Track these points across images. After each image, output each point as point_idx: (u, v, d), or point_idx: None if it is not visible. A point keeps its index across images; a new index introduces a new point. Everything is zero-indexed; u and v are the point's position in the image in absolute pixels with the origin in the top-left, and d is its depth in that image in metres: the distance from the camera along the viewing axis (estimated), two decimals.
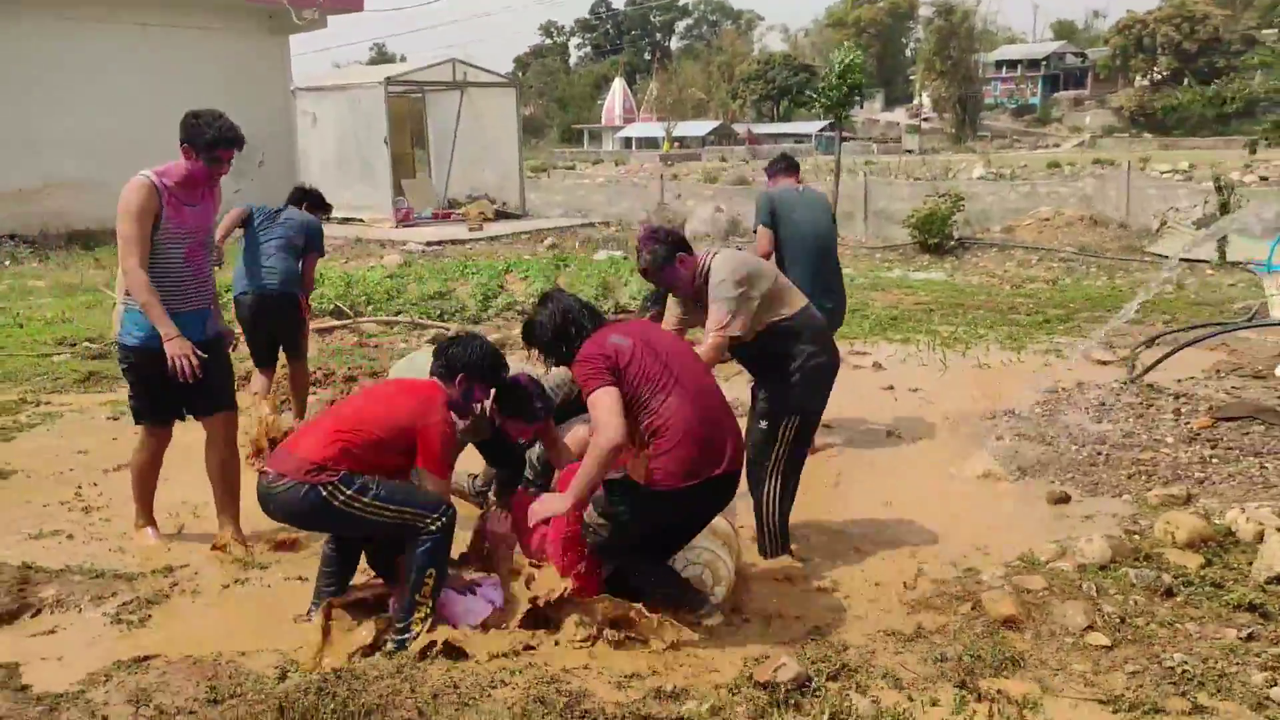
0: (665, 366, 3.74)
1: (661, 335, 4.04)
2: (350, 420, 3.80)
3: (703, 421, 3.72)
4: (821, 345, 4.44)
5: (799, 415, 4.39)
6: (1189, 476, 5.32)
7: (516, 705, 3.21)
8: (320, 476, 3.64)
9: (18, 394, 7.22)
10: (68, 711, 3.24)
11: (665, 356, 3.78)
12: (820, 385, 4.46)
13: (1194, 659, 3.45)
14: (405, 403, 3.84)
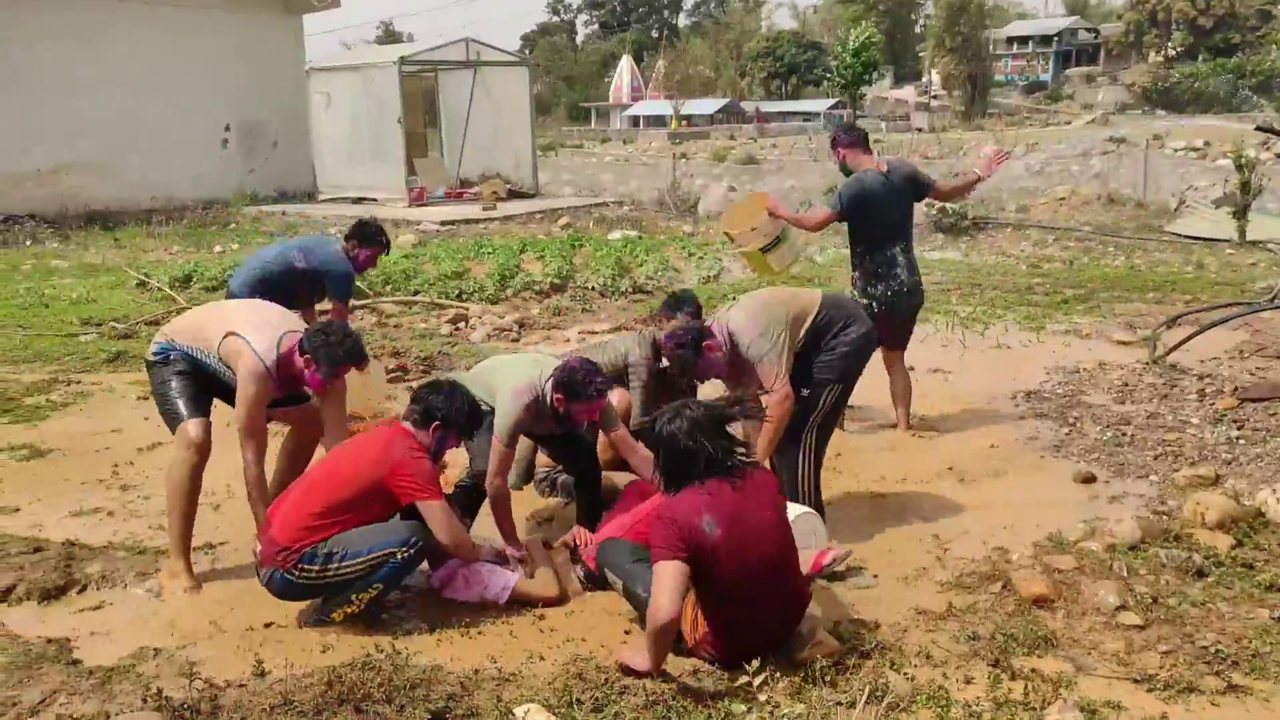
0: (744, 577, 3.36)
1: (752, 526, 3.41)
2: (318, 490, 3.81)
3: (756, 634, 3.42)
4: (858, 320, 4.64)
5: (842, 384, 4.60)
6: (1216, 457, 5.34)
7: (556, 680, 3.27)
8: (281, 560, 3.71)
9: (49, 373, 7.30)
10: (119, 684, 3.32)
11: (748, 560, 3.36)
12: (864, 356, 4.68)
13: (1227, 639, 3.48)
14: (366, 456, 3.83)
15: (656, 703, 3.08)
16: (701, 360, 4.44)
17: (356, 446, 3.98)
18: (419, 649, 3.56)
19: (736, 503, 3.37)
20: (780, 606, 3.48)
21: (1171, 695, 3.21)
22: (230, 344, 4.14)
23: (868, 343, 4.66)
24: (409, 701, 3.12)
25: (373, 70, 18.45)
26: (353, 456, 3.90)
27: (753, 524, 3.39)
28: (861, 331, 4.61)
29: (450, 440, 4.02)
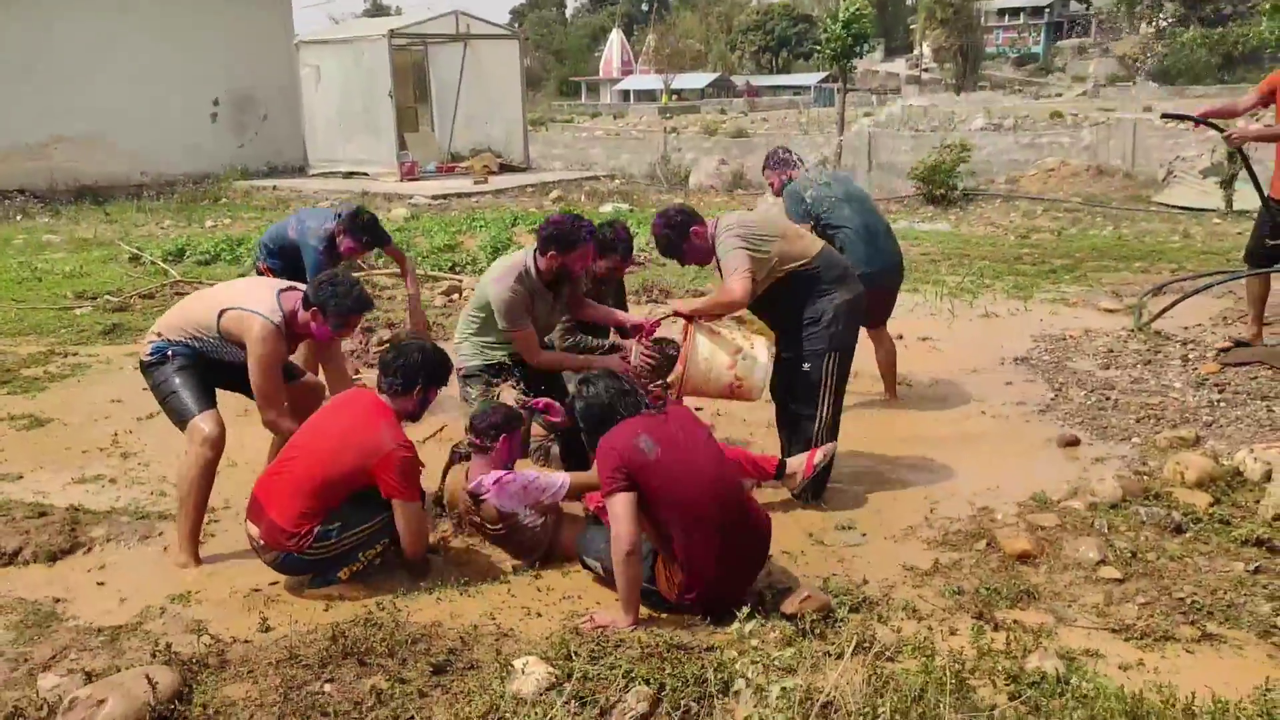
0: (692, 495, 3.50)
1: (688, 445, 3.61)
2: (309, 468, 3.76)
3: (721, 563, 3.55)
4: (846, 283, 4.63)
5: (838, 352, 4.61)
6: (1197, 420, 5.45)
7: (553, 635, 3.37)
8: (294, 544, 3.73)
9: (45, 345, 7.35)
10: (128, 640, 3.41)
11: (690, 478, 3.51)
12: (853, 320, 4.67)
13: (1203, 590, 3.60)
14: (353, 441, 3.77)
15: (651, 654, 3.17)
16: (686, 244, 4.57)
17: (341, 422, 3.86)
18: (420, 607, 3.66)
19: (667, 426, 3.59)
20: (738, 528, 3.59)
21: (1148, 644, 3.32)
22: (231, 317, 4.06)
23: (852, 308, 4.62)
24: (411, 655, 3.22)
25: (362, 43, 18.38)
26: (337, 435, 3.80)
27: (687, 442, 3.58)
28: (846, 297, 4.59)
29: (432, 395, 4.02)
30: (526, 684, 2.98)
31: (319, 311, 4.07)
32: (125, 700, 2.84)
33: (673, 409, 3.80)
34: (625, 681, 2.99)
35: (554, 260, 4.47)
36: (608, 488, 3.45)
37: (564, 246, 4.44)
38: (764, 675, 3.04)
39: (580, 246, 4.46)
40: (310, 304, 4.08)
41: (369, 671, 3.13)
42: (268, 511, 3.76)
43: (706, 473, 3.55)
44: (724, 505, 3.56)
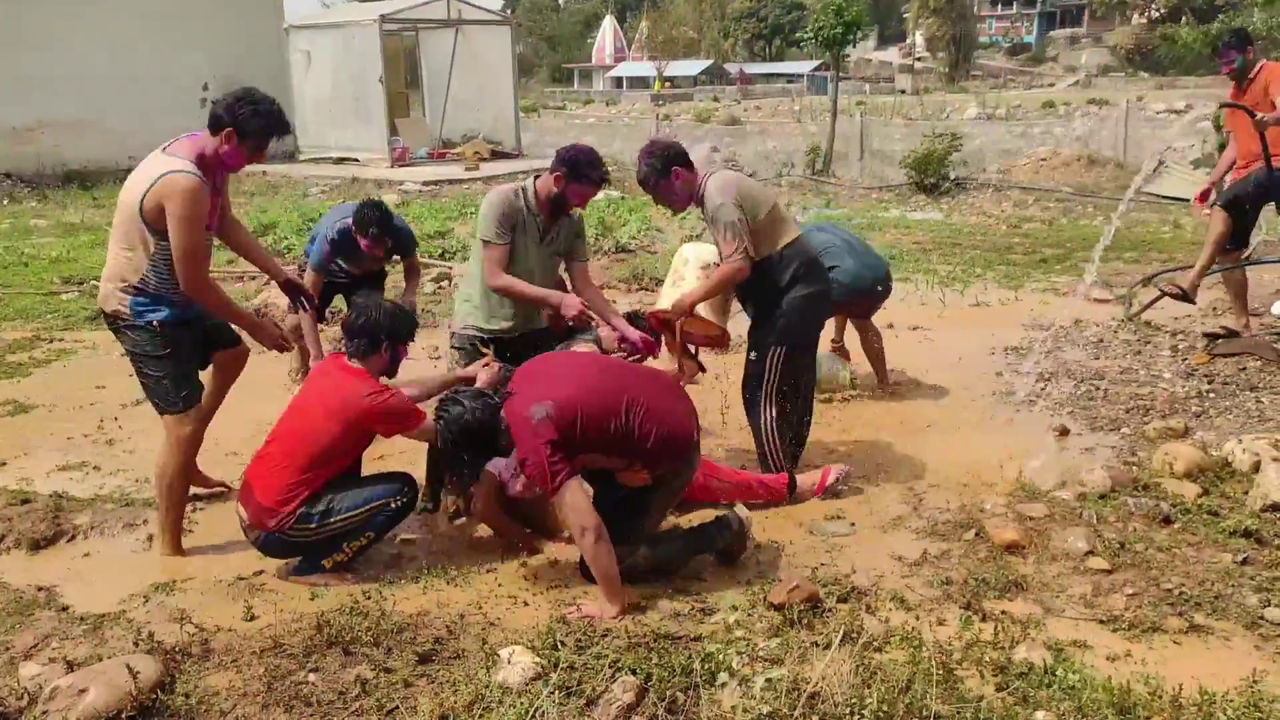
0: (605, 398, 3.57)
1: (567, 368, 3.77)
2: (291, 446, 3.76)
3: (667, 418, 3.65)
4: (812, 276, 4.54)
5: (785, 345, 4.52)
6: (1186, 410, 5.45)
7: (540, 625, 3.35)
8: (276, 524, 3.71)
9: (30, 331, 7.30)
10: (111, 629, 3.38)
11: (591, 387, 3.62)
12: (808, 315, 4.57)
13: (1191, 582, 3.60)
14: (327, 406, 3.75)
15: (637, 644, 3.15)
16: (664, 180, 4.45)
17: (314, 395, 3.88)
18: (405, 596, 3.64)
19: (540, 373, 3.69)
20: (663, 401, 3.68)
21: (1136, 635, 3.32)
22: (152, 199, 3.68)
23: (809, 302, 4.51)
24: (396, 645, 3.21)
25: (353, 28, 18.25)
26: (314, 407, 3.80)
27: (560, 370, 3.72)
28: (806, 291, 4.49)
29: (401, 351, 3.97)
30: (512, 674, 2.96)
31: (234, 133, 3.73)
32: (107, 689, 2.82)
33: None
34: (612, 671, 2.98)
35: (558, 183, 4.28)
36: (548, 486, 3.42)
37: (573, 172, 4.27)
38: (750, 666, 3.04)
39: (587, 183, 4.32)
40: (223, 125, 3.73)
41: (354, 661, 3.12)
42: (255, 492, 3.76)
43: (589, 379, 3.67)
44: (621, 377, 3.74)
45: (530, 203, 4.37)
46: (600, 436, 3.53)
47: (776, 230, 4.50)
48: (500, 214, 4.30)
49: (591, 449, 3.54)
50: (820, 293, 4.59)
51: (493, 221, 4.29)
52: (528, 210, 4.36)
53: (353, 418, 3.73)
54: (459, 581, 3.78)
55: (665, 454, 3.65)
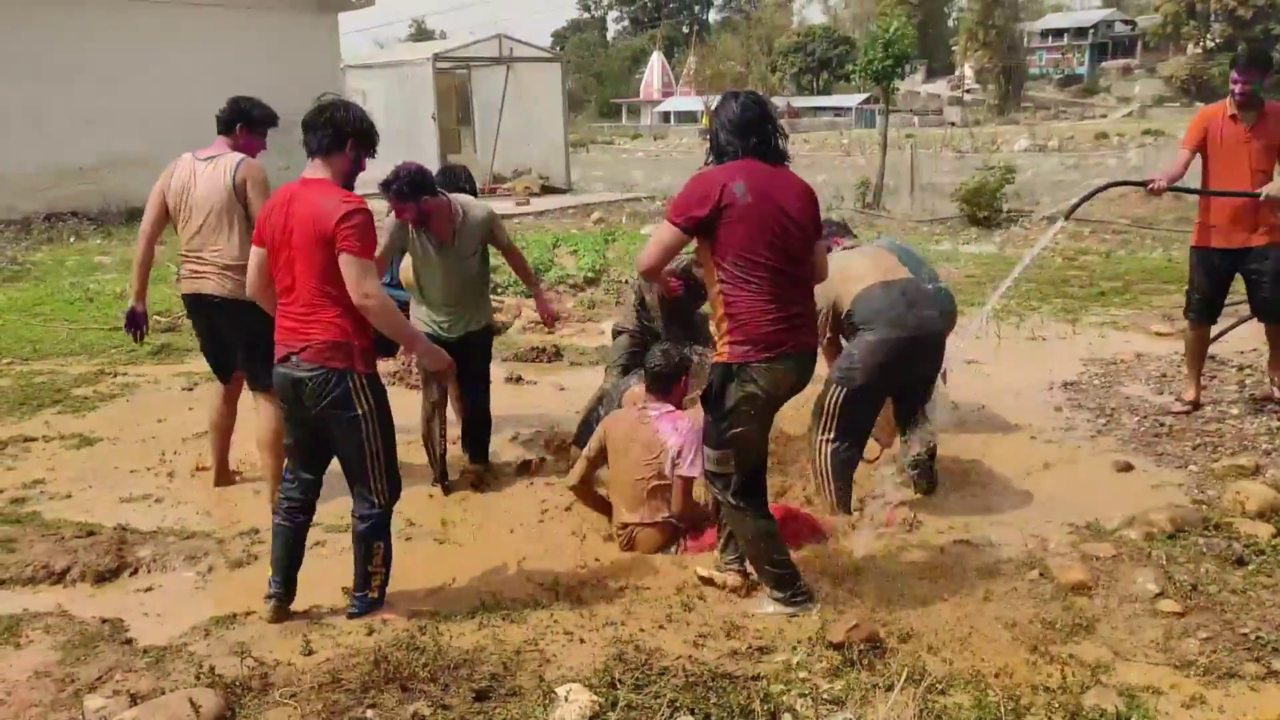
0: (761, 251, 3.55)
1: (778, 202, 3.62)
2: (293, 278, 3.58)
3: (776, 304, 3.58)
4: (878, 322, 4.57)
5: (843, 387, 4.56)
6: (1256, 448, 5.31)
7: (596, 662, 3.32)
8: (344, 362, 3.56)
9: (95, 366, 7.46)
10: (173, 662, 3.41)
11: (766, 234, 3.56)
12: (869, 361, 4.54)
13: (1268, 626, 3.48)
14: (309, 225, 3.53)
15: (695, 683, 3.11)
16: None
17: (292, 220, 3.57)
18: (462, 631, 3.62)
19: (772, 180, 3.62)
20: (798, 305, 3.66)
21: (1211, 681, 3.21)
22: (241, 178, 4.72)
23: (875, 349, 4.53)
24: (453, 681, 3.18)
25: (407, 68, 18.62)
26: (296, 229, 3.55)
27: (783, 199, 3.61)
28: (870, 337, 4.55)
29: (363, 159, 3.72)
30: (570, 711, 2.93)
31: (244, 127, 4.81)
32: None
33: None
34: (670, 711, 2.94)
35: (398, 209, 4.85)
36: (668, 215, 3.62)
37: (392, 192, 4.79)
38: (812, 708, 2.98)
39: (397, 199, 4.76)
40: (234, 123, 4.82)
41: (411, 697, 3.10)
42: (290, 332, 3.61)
43: (790, 238, 3.61)
44: (794, 283, 3.66)
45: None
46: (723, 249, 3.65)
47: (849, 288, 4.66)
48: (389, 234, 4.90)
49: None
50: (884, 342, 4.53)
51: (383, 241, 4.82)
52: (413, 229, 4.92)
53: (330, 226, 3.48)
54: (514, 617, 3.76)
55: None
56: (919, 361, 4.69)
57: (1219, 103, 5.79)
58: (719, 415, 3.67)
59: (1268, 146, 5.54)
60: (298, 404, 3.65)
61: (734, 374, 3.60)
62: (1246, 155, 5.53)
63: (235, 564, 4.25)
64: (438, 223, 4.89)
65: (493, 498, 5.01)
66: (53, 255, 13.18)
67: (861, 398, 4.56)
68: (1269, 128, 5.54)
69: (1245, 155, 5.53)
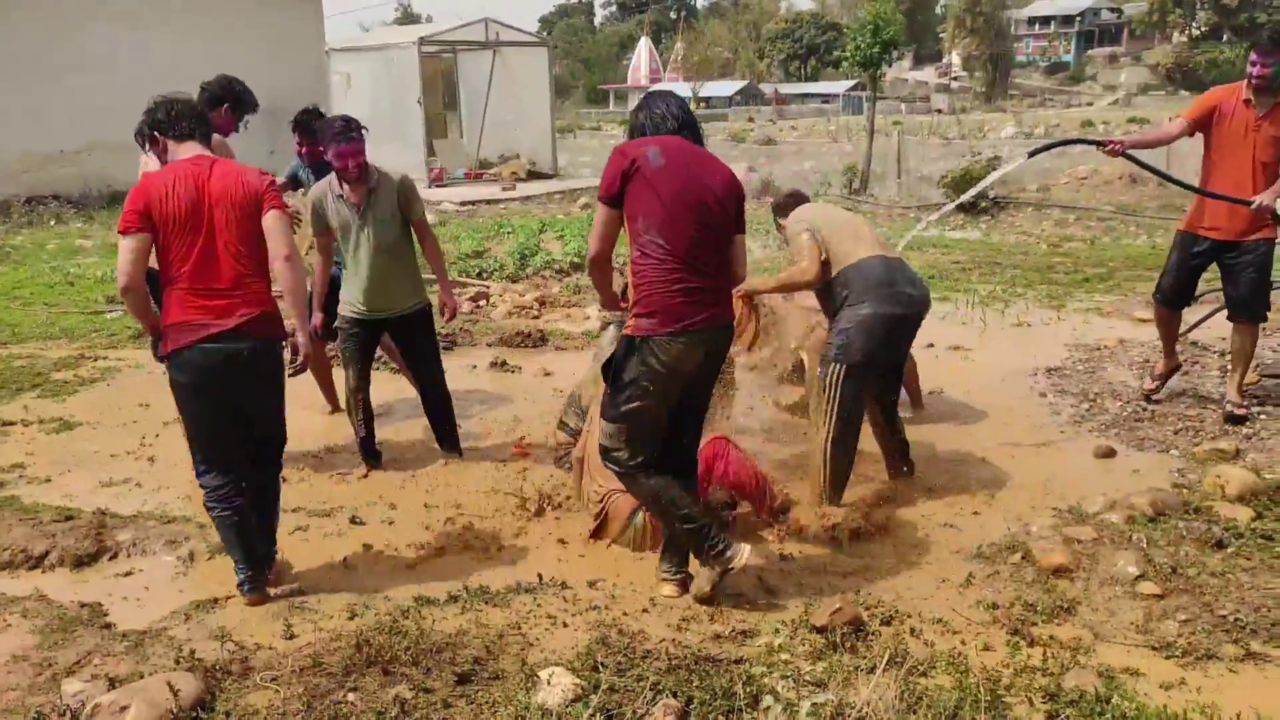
0: (667, 210, 3.50)
1: (686, 168, 3.58)
2: (231, 246, 3.67)
3: (685, 276, 3.52)
4: (873, 296, 4.43)
5: (842, 365, 4.45)
6: (1236, 433, 5.33)
7: (579, 645, 3.32)
8: (277, 331, 3.81)
9: (75, 350, 7.40)
10: (153, 646, 3.39)
11: (675, 197, 3.51)
12: (868, 336, 4.43)
13: (1246, 608, 3.50)
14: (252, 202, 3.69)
15: (679, 666, 3.12)
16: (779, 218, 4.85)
17: (209, 198, 3.65)
18: (444, 615, 3.62)
19: (691, 154, 3.59)
20: (711, 280, 3.59)
21: (1190, 662, 3.23)
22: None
23: (871, 324, 4.42)
24: (435, 664, 3.18)
25: (392, 51, 18.49)
26: (218, 206, 3.64)
27: (702, 172, 3.58)
28: (865, 312, 4.43)
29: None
30: (552, 695, 2.93)
31: (230, 107, 5.07)
32: (148, 707, 2.82)
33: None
34: (652, 694, 2.94)
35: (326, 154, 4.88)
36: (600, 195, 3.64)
37: (324, 138, 4.84)
38: (794, 690, 2.98)
39: (335, 143, 4.76)
40: (222, 101, 5.05)
41: (393, 680, 3.10)
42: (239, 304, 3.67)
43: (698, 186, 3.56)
44: (702, 257, 3.57)
45: (334, 184, 4.92)
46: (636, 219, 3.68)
47: (844, 251, 4.53)
48: (310, 212, 4.99)
49: None
50: (885, 316, 4.43)
51: (309, 220, 5.02)
52: (333, 195, 4.92)
53: (262, 189, 3.73)
54: (497, 601, 3.76)
55: None
56: (903, 340, 4.67)
57: (1233, 84, 5.50)
58: (617, 388, 3.63)
59: (1277, 138, 5.26)
60: (226, 381, 3.68)
61: (636, 347, 3.56)
62: (1252, 143, 5.26)
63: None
64: (356, 186, 4.87)
65: (474, 483, 4.99)
66: (33, 239, 13.08)
67: (860, 374, 4.48)
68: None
69: (1251, 143, 5.26)
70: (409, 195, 5.01)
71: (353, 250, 4.96)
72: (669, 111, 3.68)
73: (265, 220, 3.70)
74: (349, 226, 4.93)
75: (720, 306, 3.66)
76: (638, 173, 3.50)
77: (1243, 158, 5.29)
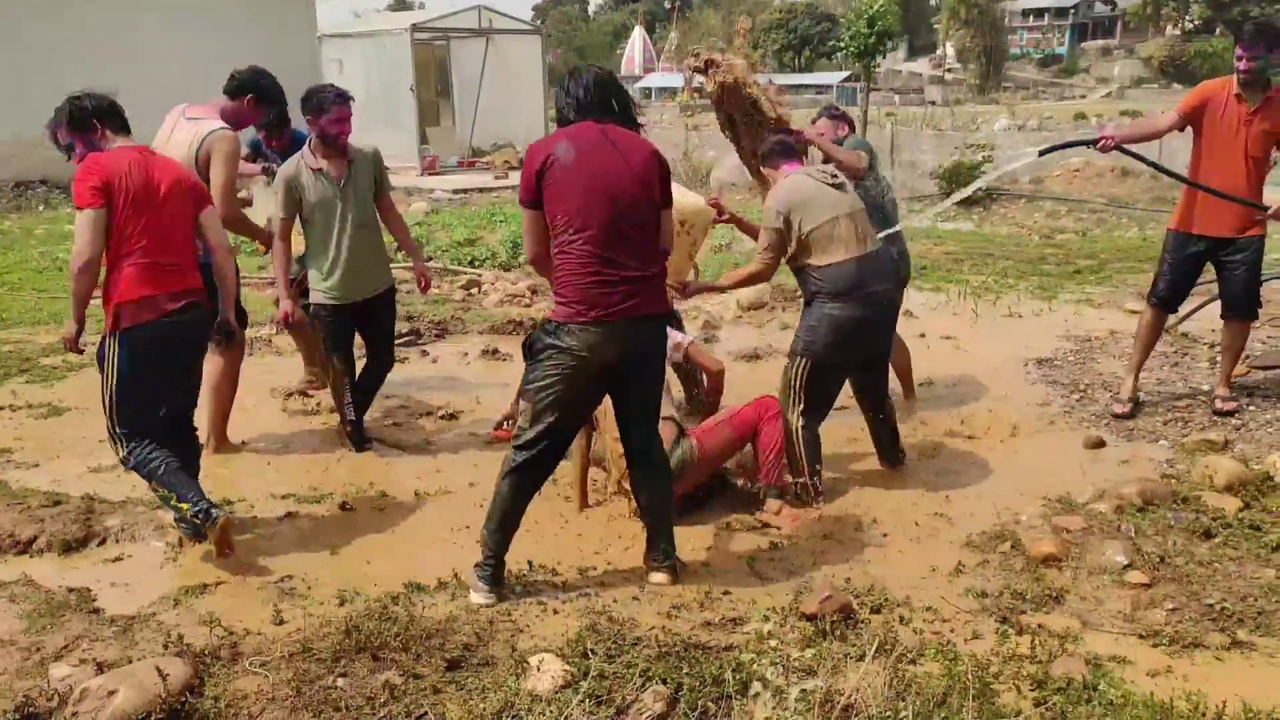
0: (582, 202, 3.46)
1: (600, 157, 3.51)
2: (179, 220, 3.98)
3: (600, 266, 3.48)
4: (846, 299, 4.38)
5: (808, 359, 4.47)
6: (1226, 423, 5.35)
7: (569, 632, 3.32)
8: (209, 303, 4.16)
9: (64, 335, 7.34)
10: (141, 631, 3.38)
11: (591, 185, 3.47)
12: (833, 335, 4.41)
13: (1233, 597, 3.52)
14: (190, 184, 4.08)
15: (668, 653, 3.12)
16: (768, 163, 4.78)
17: (159, 177, 3.90)
18: (434, 602, 3.61)
19: (605, 140, 3.51)
20: (634, 270, 3.51)
21: (1177, 650, 3.24)
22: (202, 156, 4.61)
23: (841, 324, 4.39)
24: (425, 651, 3.18)
25: (385, 38, 18.41)
26: (165, 184, 3.90)
27: (616, 157, 3.50)
28: (835, 312, 4.37)
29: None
30: (542, 681, 2.94)
31: (255, 98, 4.84)
32: (137, 691, 2.81)
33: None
34: (642, 681, 2.95)
35: (314, 124, 4.85)
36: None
37: (318, 107, 4.82)
38: (783, 676, 2.99)
39: (334, 106, 4.81)
40: (245, 91, 4.82)
41: (382, 666, 3.10)
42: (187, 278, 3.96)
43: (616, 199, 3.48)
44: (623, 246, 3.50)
45: (309, 159, 4.87)
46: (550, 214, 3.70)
47: (823, 245, 4.40)
48: (283, 192, 4.86)
49: None
50: (850, 319, 4.39)
51: (279, 202, 4.90)
52: (308, 170, 4.86)
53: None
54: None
55: None
56: (877, 333, 4.61)
57: (1223, 78, 5.38)
58: (529, 369, 3.66)
59: (1268, 133, 5.16)
60: (176, 351, 3.95)
61: (551, 330, 3.55)
62: (1244, 139, 5.16)
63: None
64: (337, 159, 4.90)
65: (466, 469, 4.98)
66: (21, 224, 13.02)
67: (822, 371, 4.49)
68: (1273, 112, 5.14)
69: (1243, 139, 5.16)
70: (381, 168, 5.06)
71: (334, 229, 4.88)
72: (578, 94, 3.58)
73: (205, 214, 4.08)
74: (329, 202, 4.86)
75: (643, 296, 3.55)
76: (549, 171, 3.47)
77: (1234, 152, 5.20)
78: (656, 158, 3.62)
